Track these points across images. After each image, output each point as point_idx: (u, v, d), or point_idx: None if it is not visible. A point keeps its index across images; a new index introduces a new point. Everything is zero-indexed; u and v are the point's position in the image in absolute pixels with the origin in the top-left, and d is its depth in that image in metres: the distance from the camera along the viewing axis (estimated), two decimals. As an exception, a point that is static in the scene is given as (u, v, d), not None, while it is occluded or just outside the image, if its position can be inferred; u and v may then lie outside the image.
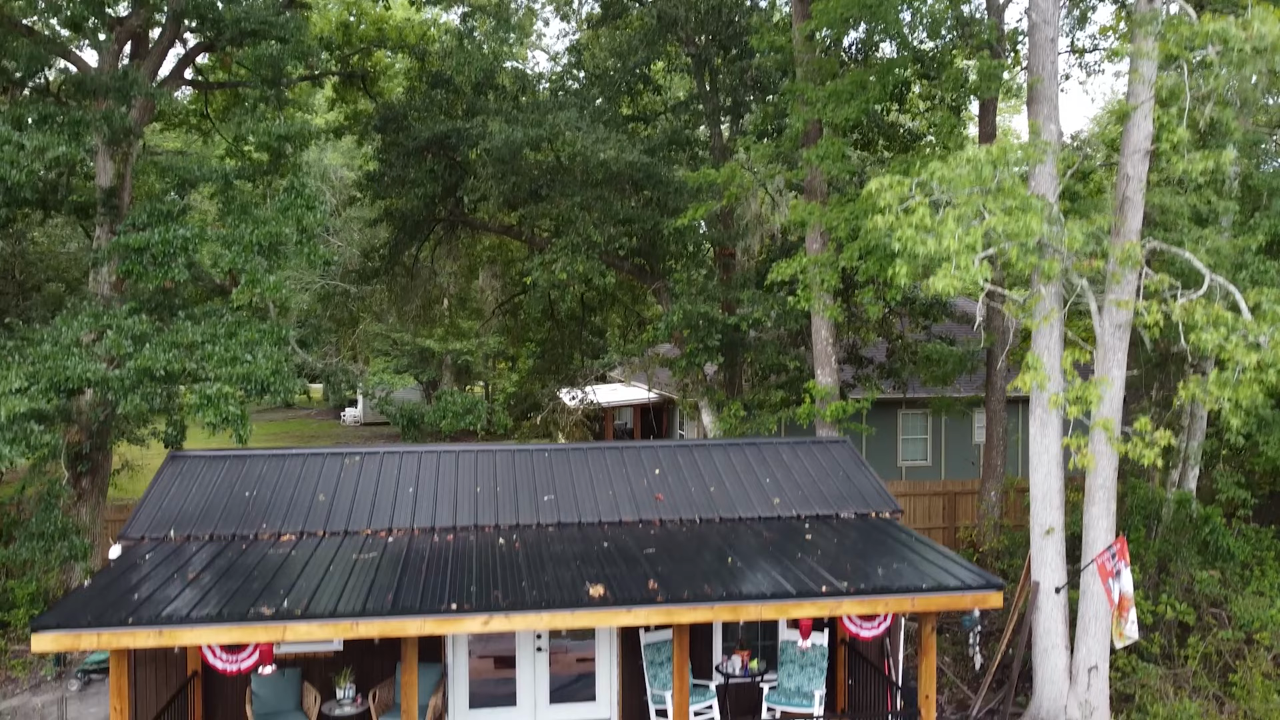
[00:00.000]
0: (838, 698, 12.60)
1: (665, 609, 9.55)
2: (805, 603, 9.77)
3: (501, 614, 9.33)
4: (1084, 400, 10.33)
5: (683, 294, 18.52)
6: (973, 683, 14.79)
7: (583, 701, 12.66)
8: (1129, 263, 10.84)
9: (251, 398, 13.89)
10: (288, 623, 9.04)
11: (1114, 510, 13.09)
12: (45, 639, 8.74)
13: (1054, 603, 13.37)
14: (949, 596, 10.09)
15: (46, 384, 12.77)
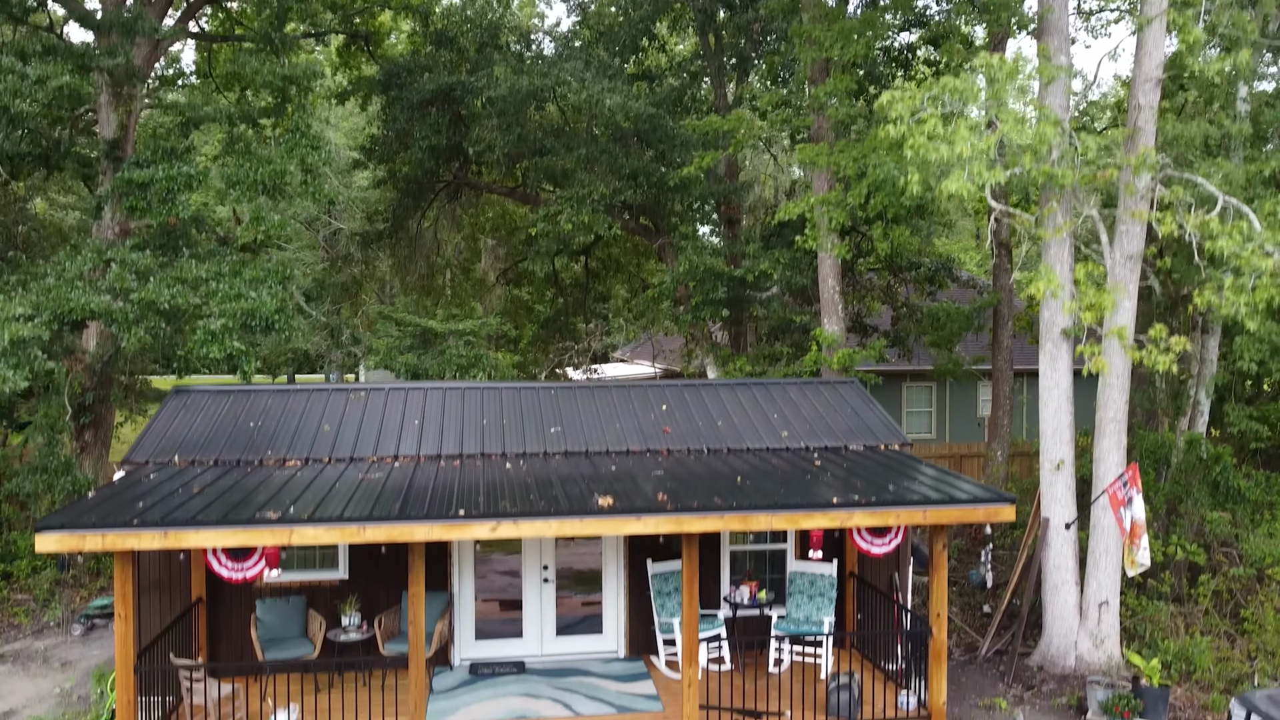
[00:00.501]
0: (846, 621, 12.49)
1: (674, 518, 9.46)
2: (816, 513, 9.67)
3: (510, 520, 9.24)
4: (1097, 307, 10.21)
5: (688, 246, 18.42)
6: (981, 629, 14.68)
7: (589, 634, 12.57)
8: (1144, 168, 10.74)
9: (256, 334, 13.78)
10: (294, 526, 8.95)
11: (1124, 444, 13.01)
12: (49, 539, 8.65)
13: (1064, 539, 13.27)
14: (961, 509, 9.99)
15: (49, 316, 12.69)
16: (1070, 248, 12.50)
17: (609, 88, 17.52)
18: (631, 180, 18.91)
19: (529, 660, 12.25)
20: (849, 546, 12.56)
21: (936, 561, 10.42)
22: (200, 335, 13.42)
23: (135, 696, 9.33)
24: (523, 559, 12.40)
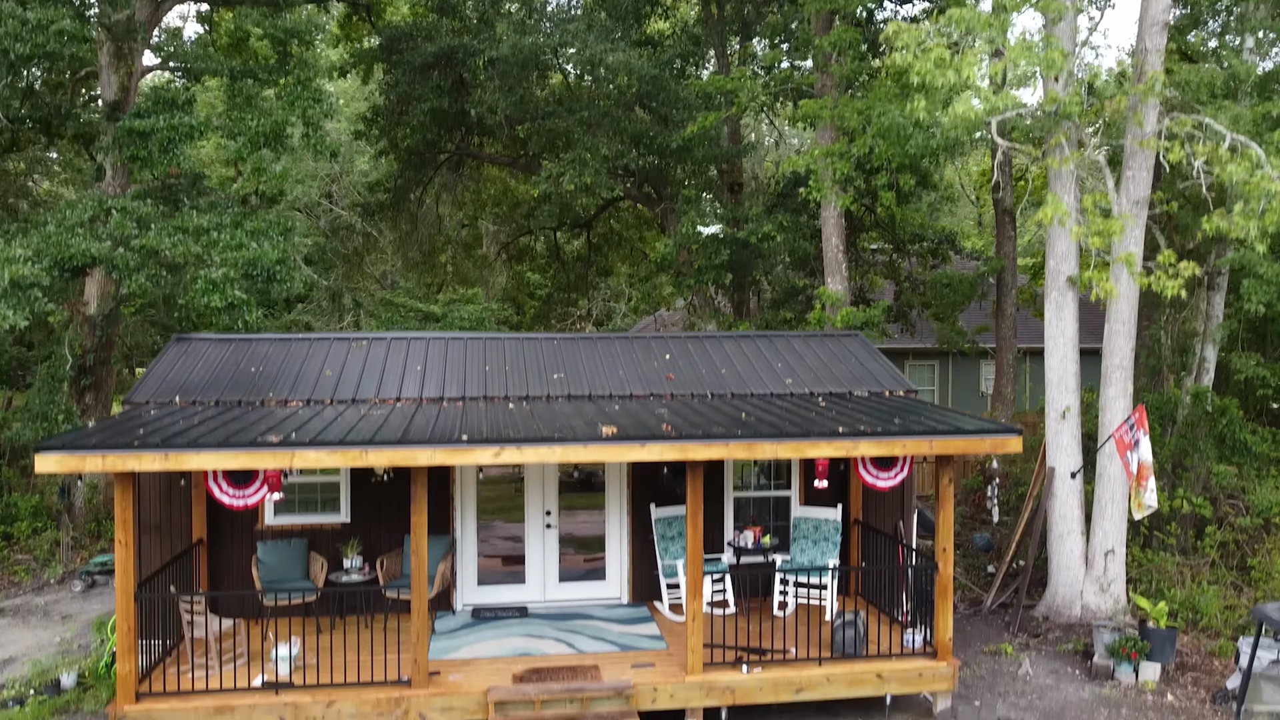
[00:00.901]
0: (850, 575, 12.42)
1: (678, 444, 9.38)
2: (821, 442, 9.59)
3: (514, 445, 9.17)
4: (1105, 233, 10.13)
5: (691, 210, 18.34)
6: (985, 588, 14.59)
7: (592, 580, 12.50)
8: (1151, 95, 10.66)
9: (257, 284, 13.71)
10: (295, 449, 8.87)
11: (1130, 392, 12.94)
12: (49, 459, 8.57)
13: (1069, 488, 13.20)
14: (968, 440, 9.92)
15: (50, 262, 12.63)
16: (1076, 182, 12.41)
17: (611, 48, 17.45)
18: (634, 144, 18.83)
19: (531, 606, 12.17)
20: (853, 493, 12.49)
21: (942, 496, 10.34)
22: (201, 285, 13.36)
23: (136, 625, 9.24)
24: (525, 504, 12.33)
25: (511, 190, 28.11)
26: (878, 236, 26.58)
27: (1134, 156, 12.21)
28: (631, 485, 12.40)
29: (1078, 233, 10.32)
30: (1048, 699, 11.03)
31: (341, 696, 9.42)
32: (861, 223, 25.45)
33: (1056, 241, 13.13)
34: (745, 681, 9.93)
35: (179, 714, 9.16)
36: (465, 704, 9.50)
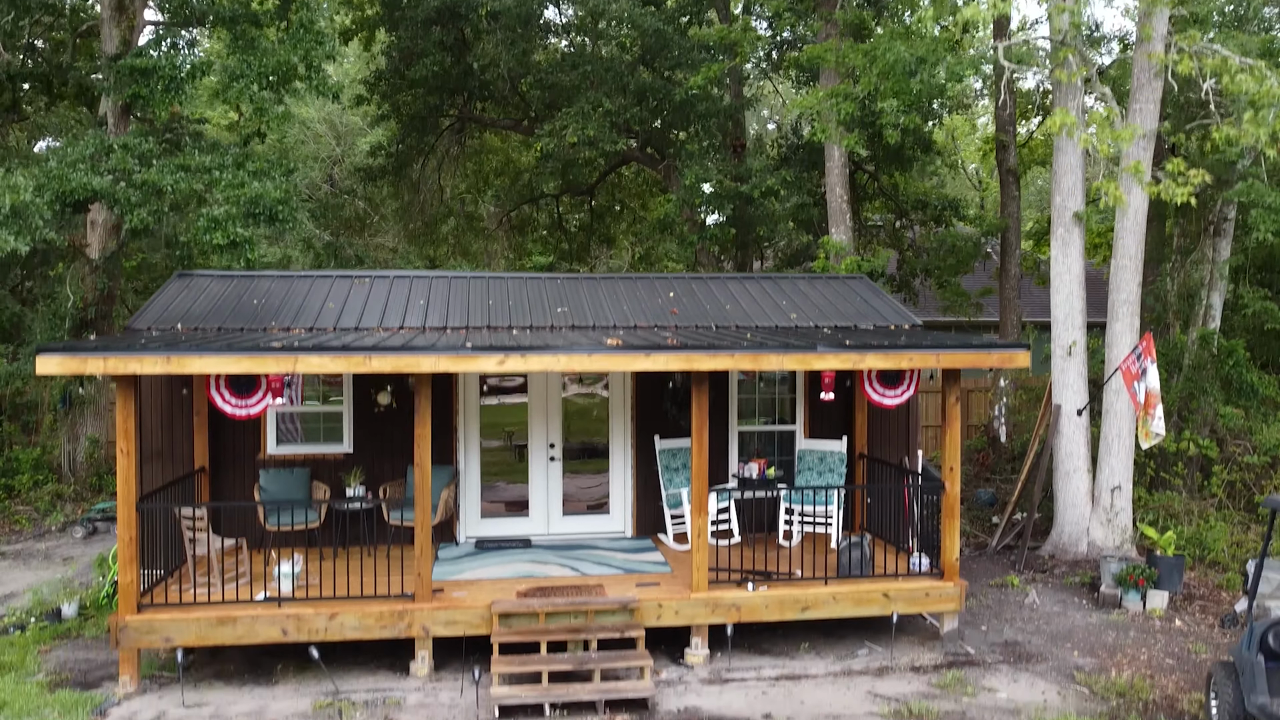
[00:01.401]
0: (855, 509, 12.35)
1: (683, 355, 9.31)
2: (828, 354, 9.53)
3: (518, 354, 9.10)
4: (1115, 139, 10.05)
5: (694, 164, 18.28)
6: (991, 535, 14.51)
7: (596, 514, 12.44)
8: (1161, 3, 10.58)
9: (260, 223, 13.65)
10: (298, 354, 8.80)
11: (1136, 327, 12.86)
12: (50, 361, 8.50)
13: (1075, 425, 13.12)
14: (975, 354, 9.86)
15: (51, 195, 12.56)
16: (1083, 99, 12.32)
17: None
18: (637, 100, 18.78)
19: (535, 538, 12.11)
20: (858, 427, 12.41)
21: (949, 414, 10.27)
22: (204, 222, 13.30)
23: (137, 536, 9.18)
24: (529, 437, 12.27)
25: (514, 162, 28.04)
26: (881, 206, 26.55)
27: (1141, 90, 12.14)
28: (635, 418, 12.33)
29: (1085, 140, 10.24)
30: (1054, 624, 10.96)
31: (344, 609, 9.35)
32: (865, 190, 25.42)
33: (1063, 177, 13.08)
34: (751, 599, 9.85)
35: (180, 624, 9.09)
36: (468, 618, 9.44)
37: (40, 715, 8.62)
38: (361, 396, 11.90)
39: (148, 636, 9.08)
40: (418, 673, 9.44)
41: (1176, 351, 15.01)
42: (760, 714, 8.61)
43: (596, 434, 12.46)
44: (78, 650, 10.46)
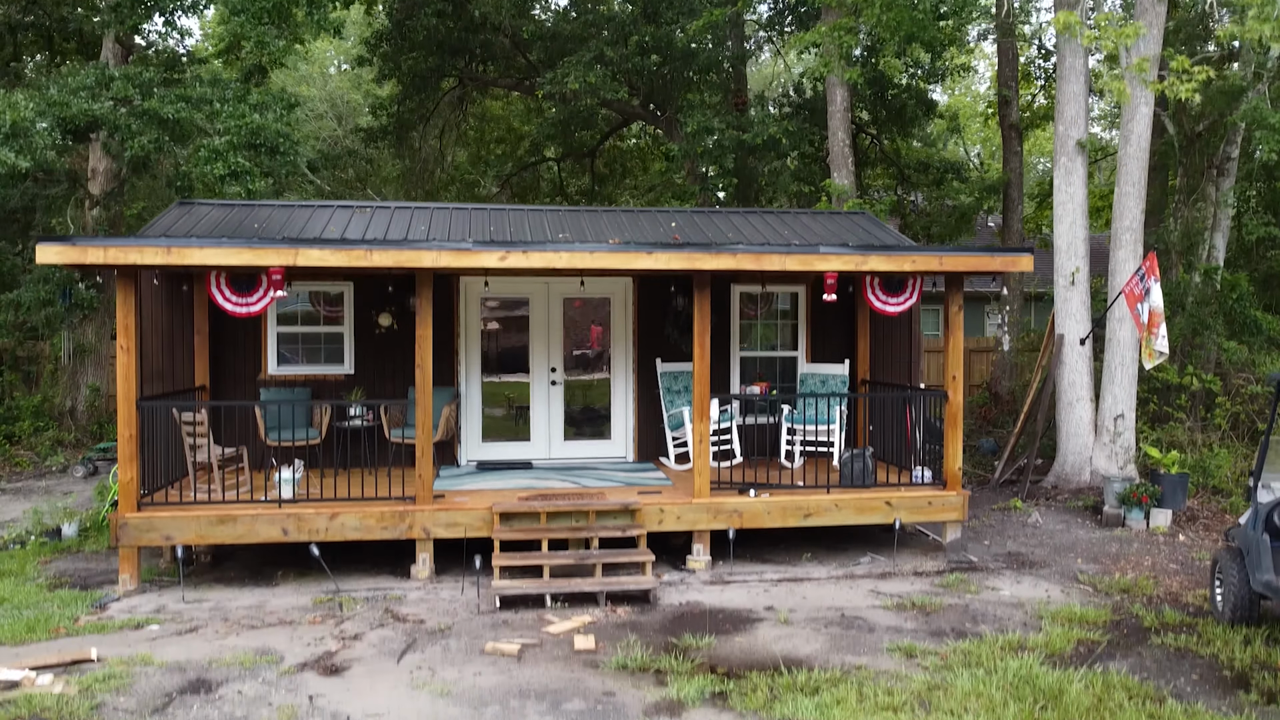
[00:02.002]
0: (858, 431, 12.30)
1: (686, 254, 9.29)
2: (831, 255, 9.51)
3: (519, 249, 9.08)
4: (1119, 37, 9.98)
5: (695, 113, 18.24)
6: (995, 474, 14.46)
7: (598, 440, 12.40)
8: None
9: (261, 155, 13.62)
10: (299, 247, 8.78)
11: (1140, 254, 12.81)
12: (50, 250, 8.47)
13: (1078, 354, 13.08)
14: (977, 257, 9.83)
15: (52, 121, 12.54)
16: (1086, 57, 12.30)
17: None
18: (639, 50, 18.76)
19: (537, 461, 12.08)
20: (860, 353, 12.37)
21: (952, 323, 10.23)
22: (205, 153, 13.27)
23: (138, 433, 9.15)
24: (530, 361, 12.24)
25: (515, 130, 28.02)
26: (883, 173, 26.55)
27: (1145, 13, 12.10)
28: (637, 343, 12.29)
29: (1089, 38, 10.17)
30: (1057, 539, 10.92)
31: (345, 510, 9.32)
32: (867, 155, 25.40)
33: (1066, 106, 13.04)
34: (752, 505, 9.82)
35: (180, 522, 9.06)
36: (470, 519, 9.40)
37: (40, 608, 8.59)
38: (362, 319, 11.87)
39: (148, 534, 9.05)
40: (418, 575, 9.41)
41: (1180, 291, 14.97)
42: (762, 606, 8.57)
43: (599, 358, 12.43)
44: (77, 562, 10.44)
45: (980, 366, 22.90)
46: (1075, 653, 7.35)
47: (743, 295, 12.53)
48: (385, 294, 11.75)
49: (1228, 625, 7.84)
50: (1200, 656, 7.30)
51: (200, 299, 11.22)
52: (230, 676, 6.88)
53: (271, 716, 6.18)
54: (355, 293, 11.83)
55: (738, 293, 12.47)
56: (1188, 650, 7.44)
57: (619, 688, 6.70)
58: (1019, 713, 6.12)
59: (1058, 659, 7.18)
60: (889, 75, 21.09)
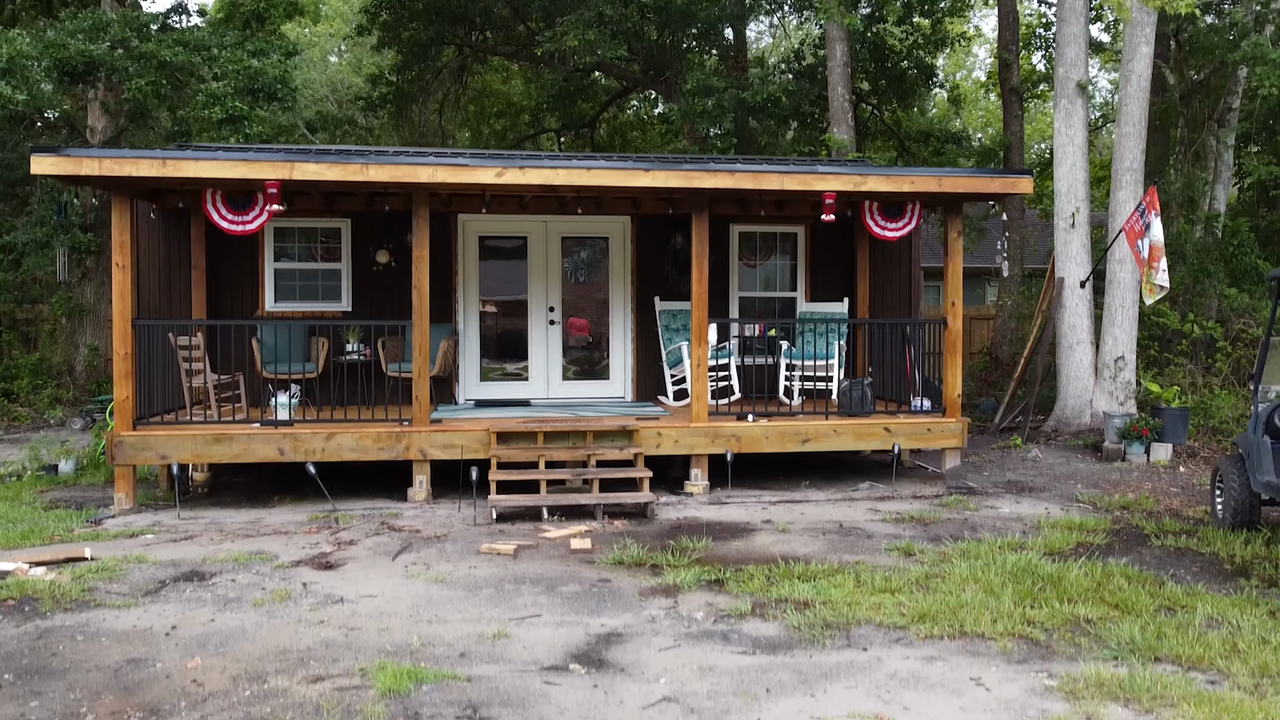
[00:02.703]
0: (857, 367, 12.25)
1: (684, 172, 9.25)
2: (829, 174, 9.47)
3: (516, 165, 9.05)
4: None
5: (696, 71, 18.19)
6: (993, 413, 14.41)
7: (596, 380, 12.37)
8: None
9: (259, 100, 13.59)
10: (295, 160, 8.76)
11: (1140, 195, 12.75)
12: (44, 161, 8.44)
13: (1079, 297, 13.03)
14: (977, 178, 9.80)
15: (49, 62, 12.51)
16: None
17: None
18: (639, 10, 18.72)
19: (535, 400, 12.04)
20: (860, 293, 12.33)
21: (951, 249, 10.19)
22: (203, 97, 13.24)
23: (134, 351, 9.12)
24: (528, 299, 12.20)
25: (515, 104, 27.98)
26: (884, 145, 26.48)
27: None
28: (635, 282, 12.25)
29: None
30: (1057, 470, 10.88)
31: (342, 430, 9.28)
32: (867, 128, 25.34)
33: (1066, 48, 13.00)
34: (750, 429, 9.78)
35: (176, 440, 9.02)
36: (467, 440, 9.37)
37: (35, 523, 8.56)
38: (360, 255, 11.84)
39: (143, 453, 9.02)
40: (415, 497, 9.37)
41: (1180, 241, 14.91)
42: (760, 520, 8.53)
43: (597, 298, 12.39)
44: (73, 492, 10.42)
45: (981, 333, 22.84)
46: (1074, 551, 7.31)
47: (741, 235, 12.49)
48: (382, 230, 11.72)
49: (1228, 530, 7.79)
50: (1200, 554, 7.26)
51: (197, 233, 11.19)
52: (224, 570, 6.85)
53: (264, 598, 6.15)
54: (353, 229, 11.79)
55: (736, 232, 12.43)
56: (1187, 549, 7.40)
57: (614, 577, 6.66)
58: (1017, 592, 6.08)
59: (1057, 555, 7.13)
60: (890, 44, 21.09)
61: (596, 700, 4.52)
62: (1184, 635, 5.26)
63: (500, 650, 5.19)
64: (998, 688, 4.66)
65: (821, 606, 5.83)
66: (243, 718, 4.30)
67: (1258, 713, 4.25)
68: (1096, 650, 5.13)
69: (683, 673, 4.86)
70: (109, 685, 4.71)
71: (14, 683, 4.75)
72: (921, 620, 5.58)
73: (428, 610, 5.89)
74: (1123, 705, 4.41)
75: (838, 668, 4.90)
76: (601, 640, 5.36)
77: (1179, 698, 4.44)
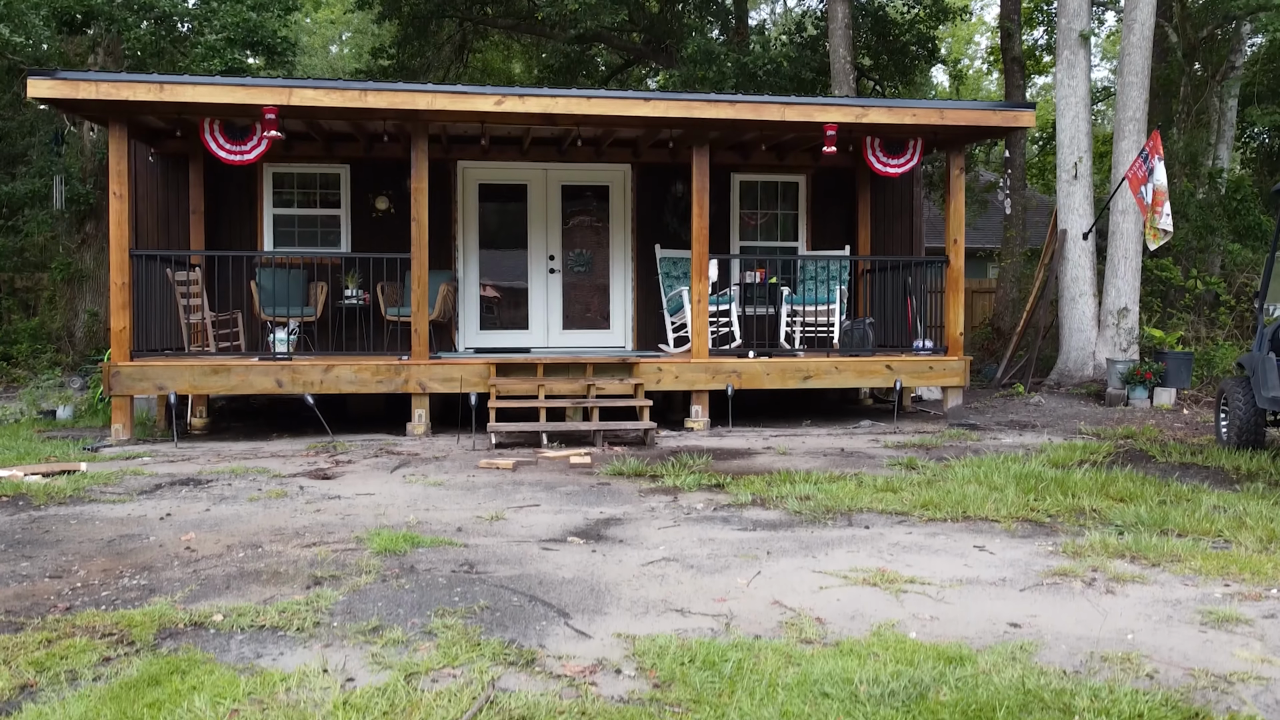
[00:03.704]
0: (859, 315, 12.18)
1: (684, 102, 9.20)
2: (830, 105, 9.42)
3: (515, 95, 8.99)
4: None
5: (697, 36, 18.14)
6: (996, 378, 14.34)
7: (597, 329, 12.31)
8: None
9: (258, 54, 13.54)
10: (293, 86, 8.70)
11: (1143, 145, 12.68)
12: (41, 85, 8.39)
13: (1081, 249, 12.97)
14: (979, 111, 9.75)
15: (47, 12, 12.46)
16: None
17: None
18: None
19: (535, 349, 11.98)
20: (861, 241, 12.26)
21: (953, 186, 10.13)
22: (202, 49, 13.18)
23: (131, 281, 9.07)
24: (528, 247, 12.14)
25: (516, 81, 27.93)
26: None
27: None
28: (635, 230, 12.19)
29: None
30: (1060, 412, 10.82)
31: (340, 363, 9.23)
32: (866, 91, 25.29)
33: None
34: (751, 365, 9.71)
35: (174, 371, 8.96)
36: (466, 373, 9.31)
37: (32, 449, 8.50)
38: (359, 202, 11.78)
39: (140, 383, 8.96)
40: (414, 431, 9.31)
41: (1183, 200, 14.83)
42: (761, 446, 8.47)
43: (597, 247, 12.33)
44: (71, 433, 10.35)
45: (983, 305, 22.77)
46: (1078, 464, 7.24)
47: (743, 185, 12.42)
48: (382, 177, 11.67)
49: (1233, 449, 7.73)
50: (1205, 467, 7.20)
51: (196, 178, 11.13)
52: (220, 478, 6.80)
53: (260, 495, 6.09)
54: (352, 175, 11.74)
55: (737, 181, 12.36)
56: (1192, 464, 7.33)
57: (614, 482, 6.61)
58: (1021, 488, 6.02)
59: (1061, 467, 7.07)
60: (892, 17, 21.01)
61: (595, 561, 4.46)
62: (1190, 515, 5.20)
63: (498, 529, 5.13)
64: (1001, 552, 4.60)
65: (823, 498, 5.77)
66: (237, 572, 4.24)
67: (1266, 563, 4.19)
68: (1102, 528, 5.06)
69: (683, 543, 4.80)
70: (101, 551, 4.66)
71: (5, 550, 4.70)
72: (924, 508, 5.52)
73: (424, 503, 5.84)
74: (1129, 562, 4.35)
75: (839, 539, 4.84)
76: (601, 522, 5.30)
77: (1185, 556, 4.38)
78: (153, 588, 4.01)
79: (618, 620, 3.58)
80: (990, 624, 3.54)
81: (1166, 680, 2.96)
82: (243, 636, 3.41)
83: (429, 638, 3.37)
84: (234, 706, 2.77)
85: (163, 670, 3.04)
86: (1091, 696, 2.75)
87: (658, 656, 3.13)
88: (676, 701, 2.79)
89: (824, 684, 2.84)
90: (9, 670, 3.07)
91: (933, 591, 3.93)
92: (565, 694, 2.87)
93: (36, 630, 3.44)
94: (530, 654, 3.21)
